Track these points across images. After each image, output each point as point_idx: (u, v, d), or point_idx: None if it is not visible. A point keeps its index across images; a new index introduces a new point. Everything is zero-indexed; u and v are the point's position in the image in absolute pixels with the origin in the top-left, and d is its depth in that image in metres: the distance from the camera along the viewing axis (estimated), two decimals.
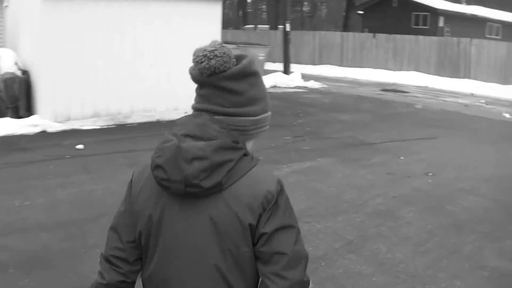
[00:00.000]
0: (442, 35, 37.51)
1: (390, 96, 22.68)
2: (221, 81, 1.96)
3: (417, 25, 40.79)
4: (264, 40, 37.78)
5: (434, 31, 38.51)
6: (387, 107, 18.67)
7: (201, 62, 1.95)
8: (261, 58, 22.87)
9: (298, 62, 36.22)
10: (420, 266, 6.14)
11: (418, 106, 19.48)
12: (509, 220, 7.81)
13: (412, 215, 7.77)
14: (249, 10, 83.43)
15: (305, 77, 26.23)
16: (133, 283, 2.19)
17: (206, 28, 14.22)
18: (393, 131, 14.04)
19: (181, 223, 1.98)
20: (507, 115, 18.68)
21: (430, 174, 9.94)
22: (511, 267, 6.25)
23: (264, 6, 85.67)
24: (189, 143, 1.89)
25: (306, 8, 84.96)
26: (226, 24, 72.18)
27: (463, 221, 7.64)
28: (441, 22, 39.68)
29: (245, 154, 2.00)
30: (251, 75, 2.03)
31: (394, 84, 28.07)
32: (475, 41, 30.04)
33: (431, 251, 6.57)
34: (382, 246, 6.64)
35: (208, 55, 1.94)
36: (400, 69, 31.95)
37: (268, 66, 32.11)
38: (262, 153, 10.63)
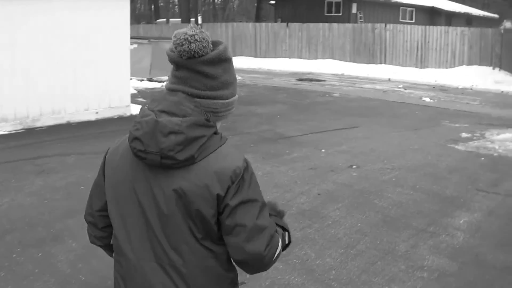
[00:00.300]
0: (355, 21, 37.36)
1: (306, 85, 22.20)
2: (198, 65, 2.08)
3: (330, 13, 40.50)
4: None
5: (347, 18, 38.33)
6: (304, 97, 18.10)
7: (182, 45, 2.05)
8: None
9: None
10: (353, 271, 5.49)
11: (336, 95, 19.05)
12: (442, 212, 7.25)
13: (339, 213, 7.10)
14: (161, 4, 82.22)
15: None
16: (107, 246, 2.44)
17: (114, 23, 13.30)
18: (312, 122, 13.39)
19: (149, 192, 2.11)
20: (427, 99, 18.45)
21: (354, 166, 9.30)
22: (450, 265, 5.67)
23: (176, 0, 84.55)
24: (166, 118, 2.02)
25: (218, 0, 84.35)
26: (138, 18, 71.13)
27: (394, 217, 7.03)
28: (354, 9, 39.49)
29: (215, 133, 2.14)
30: (225, 61, 2.14)
31: (310, 73, 27.73)
32: (390, 26, 29.94)
33: (363, 253, 5.92)
34: (310, 251, 5.95)
35: (189, 38, 2.05)
36: (315, 58, 31.64)
37: None
38: None
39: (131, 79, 20.40)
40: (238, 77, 22.35)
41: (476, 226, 6.83)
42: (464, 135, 12.39)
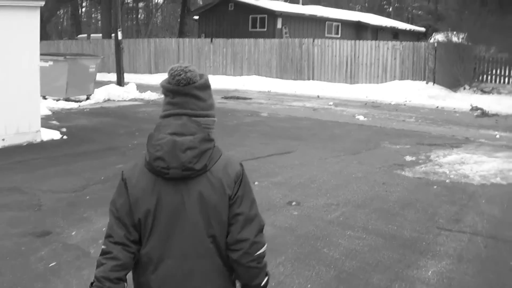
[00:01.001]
0: (281, 36, 36.40)
1: (232, 104, 20.84)
2: (193, 89, 2.60)
3: (255, 28, 39.49)
4: (98, 49, 35.71)
5: (272, 33, 37.37)
6: (231, 118, 16.64)
7: (180, 75, 2.58)
8: (91, 70, 20.38)
9: (134, 71, 34.44)
10: None
11: (264, 114, 17.77)
12: (405, 261, 5.94)
13: (283, 270, 5.66)
14: (84, 19, 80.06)
15: (142, 87, 24.02)
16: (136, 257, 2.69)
17: (22, 40, 11.74)
18: (241, 148, 11.93)
19: (176, 201, 2.57)
20: (361, 117, 17.36)
21: (293, 203, 7.90)
22: None
23: (98, 15, 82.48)
24: (181, 138, 2.51)
25: (141, 15, 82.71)
26: (61, 34, 68.86)
27: (350, 272, 5.65)
28: (279, 24, 38.56)
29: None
30: (209, 87, 2.70)
31: (235, 90, 26.45)
32: (318, 41, 28.92)
33: None
34: None
35: (184, 69, 2.61)
36: (241, 74, 30.42)
37: (103, 77, 29.64)
38: (90, 190, 8.45)
39: (46, 98, 18.67)
40: (160, 96, 21.03)
41: (447, 278, 5.57)
42: (408, 158, 11.26)
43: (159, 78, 32.30)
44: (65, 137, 12.69)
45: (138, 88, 23.25)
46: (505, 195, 8.74)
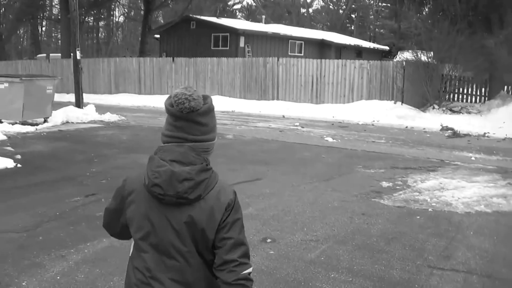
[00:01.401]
0: (243, 55, 35.88)
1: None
2: (196, 117, 2.69)
3: (218, 47, 38.95)
4: (57, 69, 34.77)
5: (235, 52, 36.84)
6: None
7: (183, 103, 2.65)
8: (49, 91, 19.39)
9: (94, 92, 33.61)
10: None
11: (229, 136, 17.02)
12: None
13: None
14: (45, 39, 78.72)
15: (102, 108, 23.09)
16: None
17: None
18: None
19: (168, 221, 2.69)
20: (330, 139, 16.72)
21: (268, 240, 7.10)
22: None
23: (59, 34, 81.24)
24: (179, 168, 2.63)
25: (102, 34, 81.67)
26: (21, 54, 67.42)
27: None
28: (241, 42, 38.05)
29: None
30: (212, 110, 2.79)
31: None
32: (283, 60, 28.30)
33: None
34: None
35: (188, 98, 2.66)
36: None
37: (61, 98, 28.68)
38: (43, 229, 7.52)
39: (1, 122, 17.68)
40: (122, 117, 20.01)
41: None
42: (385, 184, 10.62)
43: (120, 98, 31.72)
44: (19, 165, 11.64)
45: (98, 109, 22.32)
46: (492, 225, 8.14)
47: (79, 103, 22.47)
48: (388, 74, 24.86)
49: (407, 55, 25.74)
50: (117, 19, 79.16)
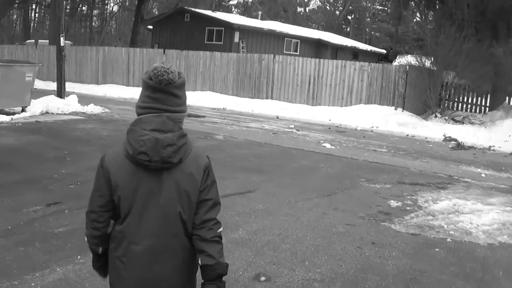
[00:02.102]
0: (237, 51, 34.56)
1: (184, 123, 18.62)
2: (172, 89, 2.94)
3: (211, 41, 37.60)
4: (43, 56, 33.53)
5: (229, 47, 35.54)
6: None
7: (162, 75, 2.89)
8: (28, 78, 18.01)
9: (81, 81, 32.54)
10: None
11: (219, 137, 15.72)
12: None
13: None
14: (36, 24, 77.03)
15: (86, 99, 21.85)
16: (103, 236, 3.06)
17: None
18: None
19: (155, 188, 2.90)
20: (327, 145, 15.47)
21: (262, 278, 5.75)
22: None
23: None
24: (162, 135, 2.84)
25: (95, 23, 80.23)
26: (12, 39, 65.91)
27: None
28: (236, 38, 36.75)
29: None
30: (184, 85, 3.04)
31: (188, 106, 24.20)
32: (279, 57, 26.96)
33: None
34: None
35: (167, 70, 2.90)
36: (194, 89, 28.28)
37: (48, 86, 27.30)
38: None
39: None
40: (106, 110, 18.64)
41: None
42: (393, 203, 9.38)
43: (107, 89, 30.45)
44: None
45: (82, 99, 20.99)
46: None
47: (61, 93, 21.00)
48: (389, 78, 23.52)
49: (410, 59, 24.35)
50: (111, 8, 77.72)
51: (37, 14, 77.55)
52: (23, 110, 17.98)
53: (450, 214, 9.01)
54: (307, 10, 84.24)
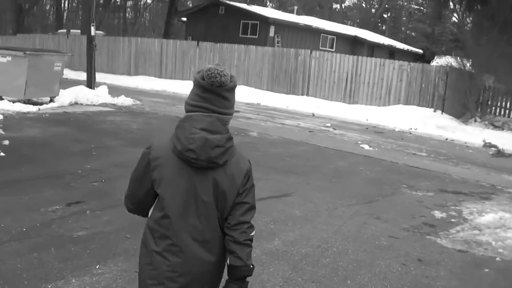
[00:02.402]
0: (272, 45, 33.93)
1: None
2: (223, 91, 2.97)
3: (246, 34, 37.00)
4: (75, 46, 33.47)
5: (264, 41, 34.92)
6: None
7: (215, 77, 2.92)
8: (57, 68, 17.65)
9: (113, 72, 32.16)
10: None
11: (253, 134, 15.22)
12: None
13: None
14: (69, 14, 77.12)
15: (118, 90, 21.48)
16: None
17: None
18: None
19: (197, 185, 2.96)
20: (366, 146, 14.88)
21: None
22: None
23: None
24: (211, 135, 2.90)
25: (129, 14, 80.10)
26: (45, 29, 66.04)
27: None
28: (271, 32, 36.11)
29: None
30: (235, 88, 3.06)
31: None
32: (316, 53, 26.33)
33: None
34: None
35: (220, 73, 2.93)
36: None
37: (79, 76, 26.95)
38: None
39: (2, 99, 16.00)
40: (137, 102, 18.12)
41: None
42: (437, 214, 8.80)
43: (138, 80, 30.01)
44: (2, 153, 9.85)
45: (113, 91, 20.62)
46: None
47: (90, 83, 20.70)
48: (429, 79, 22.70)
49: (450, 60, 23.57)
50: (145, 0, 77.56)
51: (69, 4, 77.58)
52: (51, 101, 17.68)
53: (497, 229, 8.38)
54: (343, 7, 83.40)
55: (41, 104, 16.97)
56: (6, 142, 10.76)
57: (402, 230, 7.74)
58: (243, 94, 25.29)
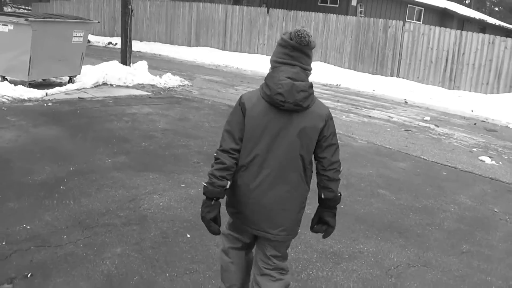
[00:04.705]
0: (354, 15, 29.74)
1: None
2: (308, 50, 3.40)
3: (325, 3, 32.90)
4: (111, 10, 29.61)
5: (345, 11, 30.78)
6: None
7: (304, 37, 3.33)
8: (77, 39, 13.55)
9: (171, 42, 29.15)
10: None
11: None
12: None
13: None
14: None
15: (171, 65, 18.48)
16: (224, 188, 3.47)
17: None
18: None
19: (283, 126, 3.39)
20: (486, 159, 10.76)
21: None
22: None
23: None
24: (296, 82, 3.32)
25: None
26: None
27: None
28: (354, 1, 31.87)
29: None
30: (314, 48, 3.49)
31: None
32: (410, 25, 22.10)
33: None
34: None
35: (308, 34, 3.36)
36: None
37: (134, 47, 23.30)
38: None
39: (4, 80, 12.39)
40: (187, 82, 14.69)
41: None
42: None
43: (198, 53, 24.83)
44: None
45: (166, 65, 17.29)
46: None
47: (125, 58, 16.43)
48: None
49: None
50: None
51: None
52: (70, 81, 13.98)
53: None
54: None
55: (54, 86, 13.28)
56: None
57: None
58: (320, 73, 21.33)
